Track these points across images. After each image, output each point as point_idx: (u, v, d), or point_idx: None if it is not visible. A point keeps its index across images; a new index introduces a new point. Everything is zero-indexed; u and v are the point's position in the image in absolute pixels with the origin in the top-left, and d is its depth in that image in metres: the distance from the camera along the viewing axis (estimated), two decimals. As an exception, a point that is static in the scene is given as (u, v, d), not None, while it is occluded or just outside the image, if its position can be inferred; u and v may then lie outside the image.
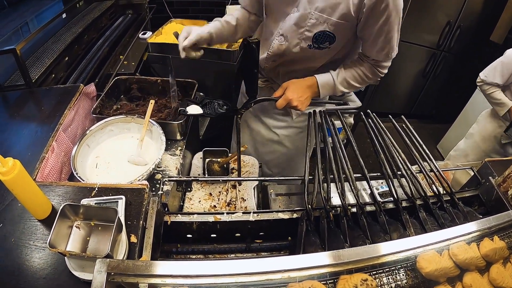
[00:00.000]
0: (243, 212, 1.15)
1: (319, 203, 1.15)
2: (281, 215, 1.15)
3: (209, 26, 1.53)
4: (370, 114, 1.51)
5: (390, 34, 1.27)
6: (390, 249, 0.81)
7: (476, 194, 1.32)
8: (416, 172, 1.28)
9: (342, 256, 0.76)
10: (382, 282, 0.84)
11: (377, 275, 0.83)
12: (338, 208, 1.14)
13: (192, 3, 1.98)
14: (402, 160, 1.31)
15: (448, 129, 3.53)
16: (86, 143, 1.38)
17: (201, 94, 1.96)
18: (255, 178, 1.52)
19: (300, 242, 1.05)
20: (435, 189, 1.23)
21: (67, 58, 1.92)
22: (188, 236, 1.16)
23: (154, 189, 1.28)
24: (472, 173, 1.41)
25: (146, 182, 1.13)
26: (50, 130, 1.31)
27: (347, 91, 1.48)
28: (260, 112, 1.81)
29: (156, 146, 1.44)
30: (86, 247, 0.92)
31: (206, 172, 1.58)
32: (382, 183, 1.47)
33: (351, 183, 1.20)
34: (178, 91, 1.73)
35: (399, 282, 0.86)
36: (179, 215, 1.12)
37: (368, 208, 1.17)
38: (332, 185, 1.22)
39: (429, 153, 1.36)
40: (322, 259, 0.74)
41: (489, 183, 1.28)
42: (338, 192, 1.18)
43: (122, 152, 1.42)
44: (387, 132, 1.42)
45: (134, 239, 0.94)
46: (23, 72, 1.54)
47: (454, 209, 1.18)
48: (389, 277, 0.85)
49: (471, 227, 0.92)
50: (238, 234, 1.18)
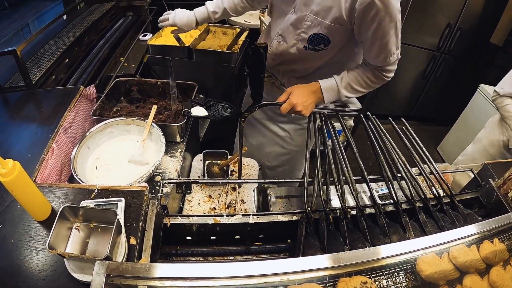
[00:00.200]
0: (243, 215, 1.15)
1: (318, 205, 1.15)
2: (280, 218, 1.15)
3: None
4: (370, 116, 1.51)
5: (385, 39, 1.26)
6: (389, 251, 0.81)
7: (476, 197, 1.32)
8: (416, 175, 1.28)
9: (342, 258, 0.75)
10: (381, 285, 0.84)
11: (376, 278, 0.83)
12: (338, 211, 1.13)
13: (192, 6, 1.98)
14: (402, 163, 1.31)
15: (448, 131, 3.53)
16: (86, 144, 1.38)
17: (201, 96, 1.96)
18: (255, 181, 1.52)
19: (299, 244, 1.05)
20: (435, 191, 1.23)
21: (67, 60, 1.92)
22: (187, 238, 1.16)
23: (153, 191, 1.28)
24: (472, 175, 1.41)
25: (145, 184, 1.13)
26: (50, 132, 1.31)
27: (352, 96, 1.47)
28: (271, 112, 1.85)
29: (156, 148, 1.44)
30: (85, 249, 0.91)
31: (206, 174, 1.57)
32: (382, 185, 1.47)
33: (350, 185, 1.20)
34: (178, 93, 1.73)
35: (399, 285, 0.86)
36: (178, 217, 1.12)
37: (368, 210, 1.17)
38: (332, 187, 1.22)
39: (429, 155, 1.36)
40: (321, 261, 0.74)
41: (489, 185, 1.27)
42: (338, 195, 1.18)
43: (122, 154, 1.42)
44: (387, 135, 1.42)
45: (133, 241, 0.94)
46: (23, 74, 1.54)
47: (454, 211, 1.18)
48: (388, 279, 0.85)
49: (471, 230, 0.92)
50: (237, 237, 1.18)
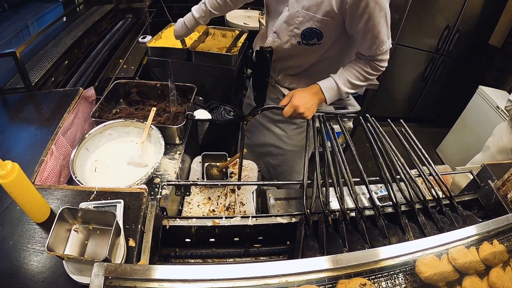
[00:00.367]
0: (242, 217, 1.15)
1: (317, 207, 1.15)
2: (279, 220, 1.15)
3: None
4: (369, 118, 1.51)
5: (376, 29, 1.29)
6: (389, 253, 0.81)
7: (475, 198, 1.32)
8: (415, 176, 1.28)
9: (341, 260, 0.75)
10: (381, 287, 0.84)
11: (376, 280, 0.83)
12: (337, 213, 1.13)
13: (191, 8, 2.00)
14: (401, 164, 1.31)
15: (447, 133, 3.53)
16: (85, 146, 1.38)
17: (200, 98, 1.96)
18: (254, 183, 1.52)
19: (298, 246, 1.05)
20: (434, 193, 1.23)
21: (66, 62, 1.92)
22: (186, 240, 1.16)
23: (152, 193, 1.28)
24: (471, 176, 1.41)
25: (144, 186, 1.13)
26: (49, 134, 1.31)
27: (352, 91, 1.48)
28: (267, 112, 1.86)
29: (155, 150, 1.44)
30: (84, 250, 0.91)
31: (205, 176, 1.57)
32: (381, 187, 1.47)
33: (350, 187, 1.20)
34: (177, 95, 1.73)
35: (398, 287, 0.85)
36: (177, 219, 1.12)
37: (367, 212, 1.17)
38: (331, 189, 1.22)
39: (428, 157, 1.36)
40: (320, 263, 0.74)
41: (488, 187, 1.28)
42: (337, 197, 1.18)
43: (121, 156, 1.42)
44: (386, 136, 1.42)
45: (132, 243, 0.94)
46: (22, 75, 1.54)
47: (453, 213, 1.18)
48: (388, 281, 0.85)
49: (470, 231, 0.92)
50: (236, 239, 1.18)
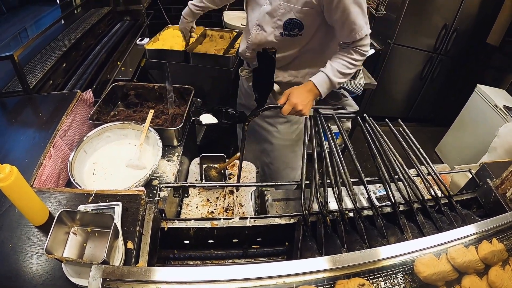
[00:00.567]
0: (240, 218, 1.14)
1: (316, 208, 1.15)
2: (278, 221, 1.15)
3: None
4: (367, 118, 1.52)
5: (352, 17, 1.35)
6: (387, 253, 0.81)
7: (474, 197, 1.32)
8: (413, 176, 1.28)
9: (339, 261, 0.75)
10: (379, 287, 0.84)
11: (374, 280, 0.83)
12: (335, 213, 1.13)
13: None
14: (399, 164, 1.31)
15: (446, 132, 3.53)
16: (84, 149, 1.38)
17: (198, 100, 1.96)
18: (252, 184, 1.52)
19: (297, 247, 1.05)
20: (432, 192, 1.23)
21: (64, 65, 1.92)
22: (185, 242, 1.15)
23: (151, 195, 1.28)
24: (470, 175, 1.41)
25: (143, 188, 1.13)
26: (47, 136, 1.32)
27: (343, 80, 1.52)
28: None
29: (153, 152, 1.44)
30: (82, 253, 0.92)
31: (204, 178, 1.57)
32: (380, 187, 1.47)
33: (348, 187, 1.20)
34: (175, 97, 1.73)
35: (397, 287, 0.85)
36: (176, 221, 1.12)
37: (366, 212, 1.17)
38: (329, 189, 1.22)
39: (426, 156, 1.36)
40: (319, 264, 0.74)
41: (487, 185, 1.28)
42: (335, 197, 1.18)
43: (119, 158, 1.42)
44: (384, 136, 1.42)
45: (130, 245, 0.94)
46: (20, 79, 1.54)
47: (452, 212, 1.18)
48: (386, 281, 0.85)
49: (469, 230, 0.92)
50: (235, 240, 1.17)
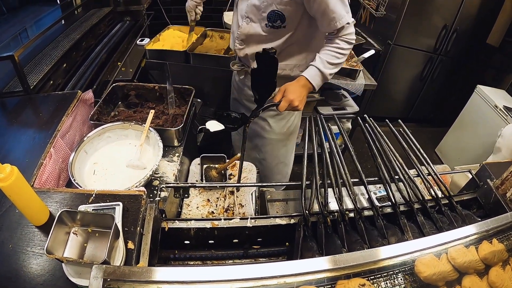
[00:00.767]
0: (241, 218, 1.14)
1: (316, 208, 1.15)
2: (278, 221, 1.15)
3: None
4: (367, 118, 1.52)
5: (331, 5, 1.40)
6: (388, 253, 0.81)
7: (474, 197, 1.32)
8: (414, 176, 1.28)
9: (339, 261, 0.75)
10: (380, 287, 0.84)
11: (375, 280, 0.83)
12: (336, 213, 1.13)
13: (190, 10, 2.03)
14: (399, 164, 1.31)
15: (446, 132, 3.53)
16: (84, 149, 1.38)
17: (198, 100, 1.97)
18: (253, 184, 1.52)
19: (297, 247, 1.05)
20: (433, 192, 1.23)
21: (65, 65, 1.92)
22: (186, 242, 1.15)
23: (151, 195, 1.28)
24: (470, 176, 1.41)
25: (143, 189, 1.13)
26: (48, 137, 1.32)
27: (334, 71, 1.55)
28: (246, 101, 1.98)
29: (153, 152, 1.44)
30: (83, 253, 0.91)
31: (204, 178, 1.57)
32: (380, 187, 1.47)
33: (348, 188, 1.20)
34: (176, 98, 1.73)
35: (397, 287, 0.85)
36: (176, 221, 1.12)
37: (366, 212, 1.17)
38: (330, 190, 1.22)
39: (426, 156, 1.36)
40: (319, 264, 0.74)
41: (487, 186, 1.27)
42: (336, 197, 1.18)
43: (120, 158, 1.42)
44: (384, 137, 1.42)
45: (131, 245, 0.94)
46: (21, 79, 1.54)
47: (452, 212, 1.18)
48: (387, 281, 0.85)
49: (470, 230, 0.92)
50: (236, 240, 1.17)
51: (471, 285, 0.87)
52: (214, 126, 1.36)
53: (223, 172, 1.59)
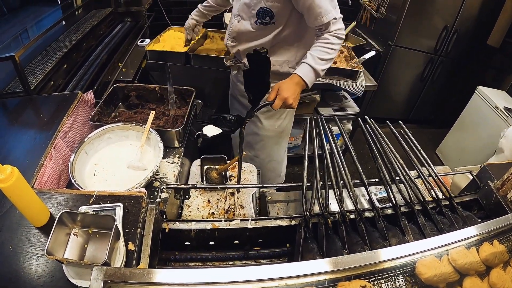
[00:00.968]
0: (241, 219, 1.14)
1: (317, 209, 1.15)
2: (279, 222, 1.15)
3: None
4: (368, 120, 1.52)
5: (316, 1, 1.42)
6: (388, 255, 0.81)
7: (475, 198, 1.32)
8: (414, 177, 1.28)
9: (340, 262, 0.75)
10: (381, 289, 0.84)
11: (376, 282, 0.83)
12: (337, 215, 1.13)
13: (190, 11, 2.02)
14: (400, 166, 1.31)
15: (447, 133, 3.53)
16: (84, 150, 1.38)
17: (199, 101, 1.96)
18: (253, 186, 1.52)
19: (298, 249, 1.05)
20: (433, 194, 1.23)
21: (65, 66, 1.92)
22: (186, 243, 1.15)
23: (152, 196, 1.28)
24: (471, 177, 1.41)
25: (144, 190, 1.13)
26: (48, 137, 1.32)
27: (326, 66, 1.57)
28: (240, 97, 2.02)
29: (154, 153, 1.44)
30: (83, 254, 0.91)
31: (204, 179, 1.57)
32: (381, 188, 1.47)
33: (349, 189, 1.20)
34: (176, 99, 1.73)
35: (398, 288, 0.85)
36: (177, 222, 1.12)
37: (367, 214, 1.17)
38: (330, 191, 1.22)
39: (427, 158, 1.36)
40: (320, 266, 0.74)
41: (488, 187, 1.27)
42: (336, 199, 1.18)
43: (120, 159, 1.42)
44: (385, 138, 1.42)
45: (132, 246, 0.94)
46: (21, 79, 1.55)
47: (453, 213, 1.18)
48: (388, 283, 0.84)
49: (470, 232, 0.91)
50: (236, 242, 1.17)
51: (472, 286, 0.87)
52: (211, 131, 1.36)
53: (223, 173, 1.59)
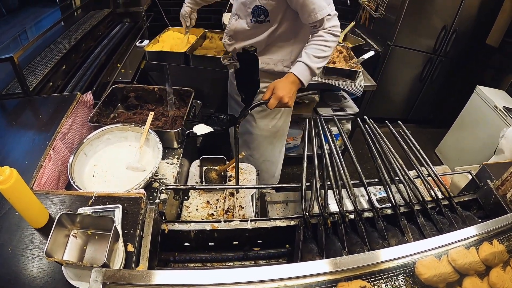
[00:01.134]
0: (241, 220, 1.14)
1: (316, 210, 1.14)
2: (278, 223, 1.15)
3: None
4: (367, 120, 1.52)
5: None
6: (388, 255, 0.81)
7: (474, 198, 1.32)
8: (414, 177, 1.28)
9: (340, 263, 0.75)
10: (380, 289, 0.84)
11: (375, 282, 0.83)
12: (336, 215, 1.13)
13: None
14: (399, 166, 1.31)
15: (446, 133, 3.53)
16: (83, 151, 1.38)
17: (198, 102, 1.96)
18: (253, 186, 1.52)
19: (297, 249, 1.05)
20: (433, 193, 1.23)
21: (64, 67, 1.92)
22: (185, 244, 1.15)
23: (151, 197, 1.27)
24: (470, 177, 1.41)
25: (143, 191, 1.13)
26: (47, 139, 1.31)
27: (322, 64, 1.57)
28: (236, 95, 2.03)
29: (153, 154, 1.44)
30: (83, 256, 0.91)
31: (204, 180, 1.57)
32: (380, 189, 1.47)
33: (348, 189, 1.20)
34: (175, 99, 1.73)
35: (398, 289, 0.85)
36: (176, 223, 1.11)
37: (366, 214, 1.17)
38: (330, 192, 1.22)
39: (426, 157, 1.36)
40: (319, 266, 0.74)
41: (487, 187, 1.27)
42: (336, 199, 1.18)
43: (119, 160, 1.42)
44: (384, 138, 1.42)
45: (131, 248, 0.94)
46: (20, 81, 1.54)
47: (452, 213, 1.18)
48: (387, 283, 0.85)
49: (470, 232, 0.92)
50: (236, 242, 1.17)
51: (472, 286, 0.87)
52: (202, 129, 1.36)
53: (223, 174, 1.59)
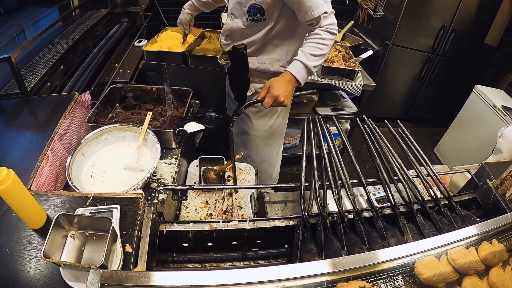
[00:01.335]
0: (239, 220, 1.14)
1: (315, 210, 1.14)
2: (277, 223, 1.15)
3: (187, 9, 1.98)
4: (366, 119, 1.52)
5: None
6: (387, 255, 0.80)
7: (474, 197, 1.32)
8: (413, 177, 1.28)
9: (339, 264, 0.75)
10: (380, 289, 0.83)
11: (375, 282, 0.83)
12: (335, 215, 1.13)
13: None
14: (398, 165, 1.31)
15: (445, 132, 3.53)
16: (81, 152, 1.37)
17: (196, 101, 1.96)
18: (251, 186, 1.51)
19: (296, 249, 1.05)
20: (432, 193, 1.23)
21: (62, 67, 1.92)
22: (184, 245, 1.15)
23: (149, 198, 1.27)
24: (469, 176, 1.41)
25: (141, 191, 1.13)
26: (45, 139, 1.31)
27: (319, 63, 1.55)
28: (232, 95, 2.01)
29: (151, 154, 1.43)
30: (80, 257, 0.91)
31: (202, 180, 1.57)
32: (379, 188, 1.47)
33: (347, 189, 1.20)
34: (173, 99, 1.72)
35: (397, 289, 0.85)
36: (174, 224, 1.11)
37: (365, 214, 1.17)
38: (329, 191, 1.22)
39: (425, 157, 1.36)
40: (318, 267, 0.74)
41: (486, 186, 1.27)
42: (335, 199, 1.17)
43: (117, 161, 1.41)
44: (383, 137, 1.42)
45: (129, 248, 0.93)
46: (18, 81, 1.54)
47: (452, 213, 1.18)
48: (387, 283, 0.84)
49: (469, 231, 0.91)
50: (234, 243, 1.17)
51: (472, 286, 0.87)
52: (192, 127, 1.35)
53: (221, 174, 1.59)
